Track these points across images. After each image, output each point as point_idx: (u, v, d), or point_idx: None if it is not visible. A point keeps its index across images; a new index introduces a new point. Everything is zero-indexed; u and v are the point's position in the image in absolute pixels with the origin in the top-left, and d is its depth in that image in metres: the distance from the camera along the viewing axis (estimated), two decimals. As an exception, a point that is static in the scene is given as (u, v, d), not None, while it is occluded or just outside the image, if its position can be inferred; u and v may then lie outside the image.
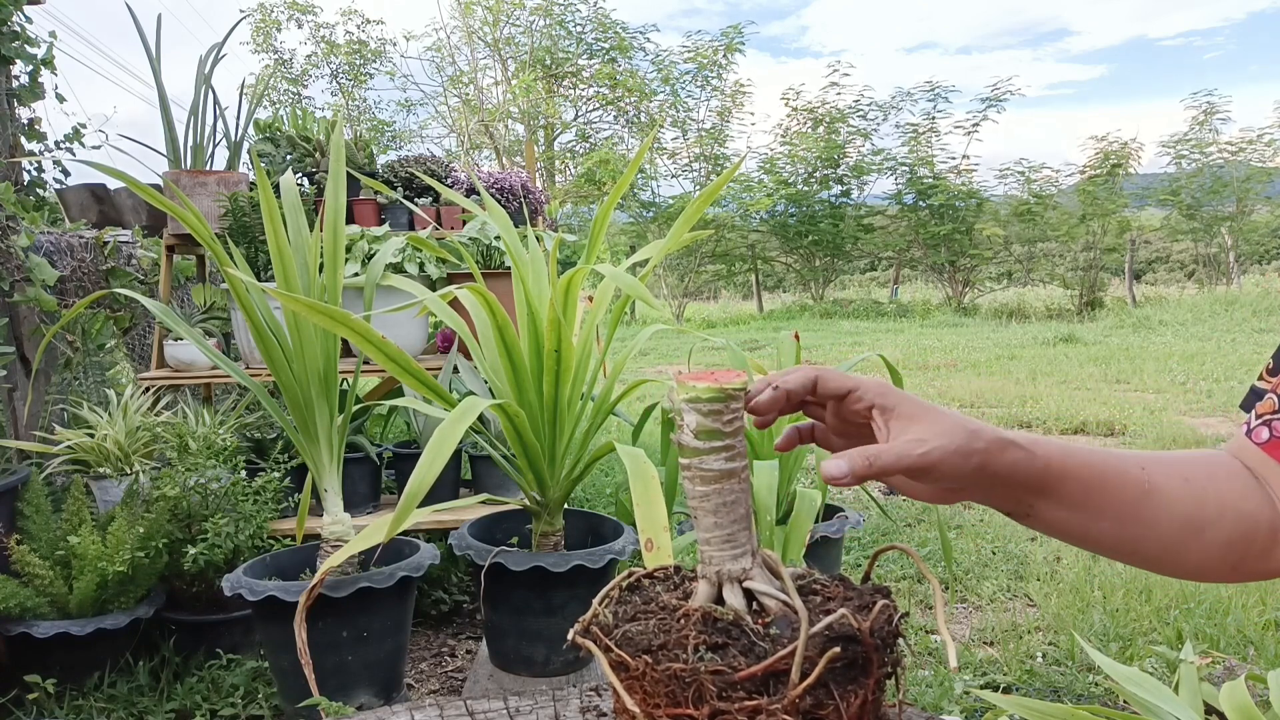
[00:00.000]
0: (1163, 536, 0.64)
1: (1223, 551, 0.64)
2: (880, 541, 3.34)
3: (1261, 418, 0.67)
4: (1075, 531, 0.65)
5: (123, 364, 2.99)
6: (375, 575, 1.86)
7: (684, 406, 0.58)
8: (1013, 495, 0.63)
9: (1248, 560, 0.65)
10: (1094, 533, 0.64)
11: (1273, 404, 0.67)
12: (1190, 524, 0.64)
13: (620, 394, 1.97)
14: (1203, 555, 0.64)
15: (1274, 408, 0.66)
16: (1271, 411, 0.66)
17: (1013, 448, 0.60)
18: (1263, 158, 15.82)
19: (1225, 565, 0.65)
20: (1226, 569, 0.65)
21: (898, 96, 16.68)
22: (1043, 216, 15.75)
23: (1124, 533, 0.64)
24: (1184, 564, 0.65)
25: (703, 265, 17.80)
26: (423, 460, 1.26)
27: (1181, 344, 9.26)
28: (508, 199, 3.22)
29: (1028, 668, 2.26)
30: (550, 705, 0.84)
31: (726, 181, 1.95)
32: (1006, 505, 0.64)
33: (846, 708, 0.53)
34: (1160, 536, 0.64)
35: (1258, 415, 0.68)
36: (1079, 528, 0.64)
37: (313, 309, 1.44)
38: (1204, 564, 0.65)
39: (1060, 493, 0.63)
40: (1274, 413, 0.66)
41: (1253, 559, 0.65)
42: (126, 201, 4.20)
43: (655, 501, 1.37)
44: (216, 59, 2.89)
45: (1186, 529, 0.64)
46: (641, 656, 0.54)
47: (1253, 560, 0.65)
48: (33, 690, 1.94)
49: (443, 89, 16.77)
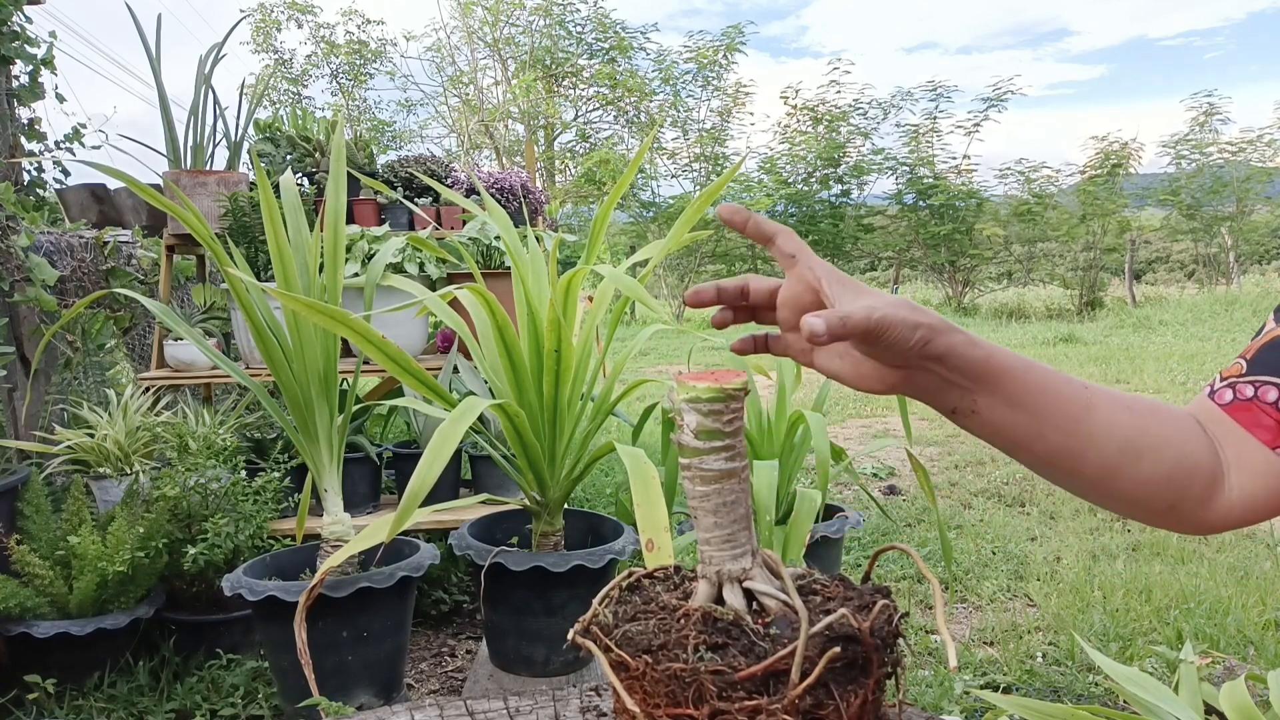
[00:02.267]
0: (1101, 455, 0.64)
1: (1160, 486, 0.65)
2: (880, 541, 3.34)
3: (1226, 380, 0.68)
4: (1019, 436, 0.64)
5: (123, 364, 2.99)
6: (375, 575, 1.86)
7: (684, 406, 0.58)
8: (955, 386, 0.63)
9: (1185, 503, 0.65)
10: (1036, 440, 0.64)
11: (1239, 368, 0.67)
12: (1129, 448, 0.64)
13: (620, 394, 1.97)
14: (1140, 484, 0.65)
15: (1240, 372, 0.67)
16: (1237, 375, 0.67)
17: (955, 331, 0.61)
18: (1263, 158, 15.83)
19: (1162, 502, 0.65)
20: (1164, 507, 0.66)
21: (898, 95, 16.68)
22: (1043, 216, 15.75)
23: (1065, 444, 0.64)
24: (1121, 490, 0.65)
25: (703, 265, 17.80)
26: (423, 460, 1.26)
27: (1181, 344, 9.26)
28: (508, 199, 3.22)
29: (1028, 668, 2.26)
30: (550, 705, 0.84)
31: (727, 181, 1.95)
32: (950, 398, 0.64)
33: (846, 708, 0.53)
34: (1099, 455, 0.64)
35: (1222, 378, 0.68)
36: (1021, 432, 0.64)
37: (313, 309, 1.45)
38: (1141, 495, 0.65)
39: (1002, 388, 0.63)
40: (1239, 376, 0.67)
41: (1190, 503, 0.65)
42: (126, 201, 4.20)
43: (655, 501, 1.37)
44: (216, 59, 2.89)
45: (1126, 451, 0.64)
46: (641, 656, 0.54)
47: (1190, 505, 0.65)
48: (33, 690, 1.94)
49: (443, 89, 16.77)
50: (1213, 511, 0.66)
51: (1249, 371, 0.67)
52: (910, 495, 4.03)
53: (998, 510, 3.76)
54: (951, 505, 3.85)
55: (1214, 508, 0.66)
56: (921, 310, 0.61)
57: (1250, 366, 0.67)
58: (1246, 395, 0.66)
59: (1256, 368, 0.66)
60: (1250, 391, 0.66)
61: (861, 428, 5.63)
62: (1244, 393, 0.66)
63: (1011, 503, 3.90)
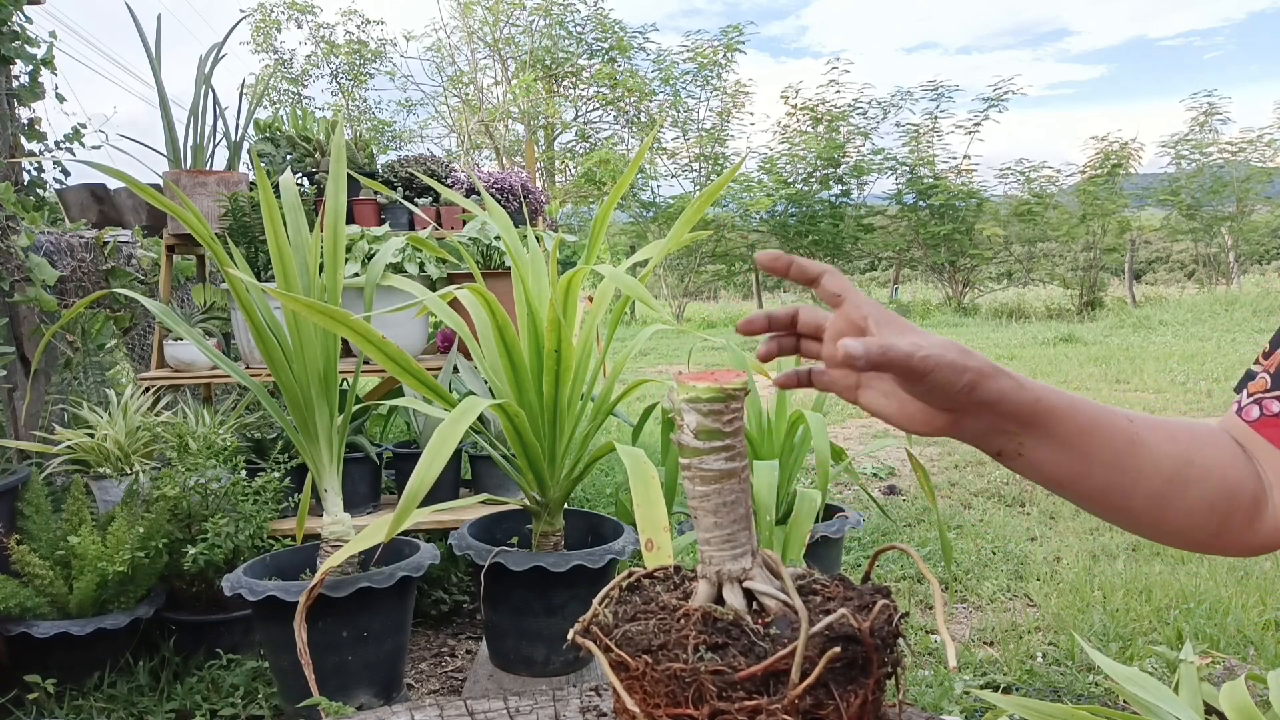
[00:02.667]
0: (1148, 489, 0.64)
1: (1206, 514, 0.64)
2: (880, 541, 3.34)
3: (1253, 396, 0.67)
4: (1065, 476, 0.64)
5: (123, 364, 2.99)
6: (375, 575, 1.86)
7: (684, 406, 0.58)
8: (1001, 428, 0.63)
9: (1230, 528, 0.65)
10: (1083, 479, 0.64)
11: (1264, 383, 0.67)
12: (1176, 479, 0.64)
13: (620, 394, 1.97)
14: (1186, 515, 0.64)
15: (1265, 387, 0.67)
16: (1263, 391, 0.67)
17: (1003, 375, 0.61)
18: (1263, 158, 15.83)
19: (1207, 529, 0.65)
20: (1208, 534, 0.65)
21: (898, 95, 16.68)
22: (1043, 216, 15.75)
23: (1111, 481, 0.64)
24: (1168, 522, 0.65)
25: (703, 265, 17.80)
26: (423, 460, 1.26)
27: (1181, 344, 9.26)
28: (508, 199, 3.22)
29: (1028, 668, 2.26)
30: (550, 705, 0.84)
31: (727, 182, 1.95)
32: (996, 441, 0.64)
33: (846, 708, 0.53)
34: (1146, 489, 0.64)
35: (1249, 394, 0.68)
36: (1068, 471, 0.64)
37: (313, 309, 1.45)
38: (1187, 525, 0.65)
39: (1049, 430, 0.62)
40: (1265, 392, 0.67)
41: (1235, 528, 0.65)
42: (126, 201, 4.20)
43: (655, 501, 1.37)
44: (216, 59, 2.89)
45: (1172, 483, 0.64)
46: (641, 656, 0.54)
47: (1235, 529, 0.65)
48: (33, 690, 1.94)
49: (443, 89, 16.77)
50: (1257, 533, 0.65)
51: (1273, 386, 0.66)
52: (910, 495, 4.03)
53: (998, 510, 3.76)
54: (951, 505, 3.85)
55: (1258, 529, 0.65)
56: (970, 354, 0.59)
57: (1274, 381, 0.66)
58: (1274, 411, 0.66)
59: None
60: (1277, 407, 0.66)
61: (861, 428, 5.63)
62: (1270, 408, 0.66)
63: (1011, 503, 3.90)
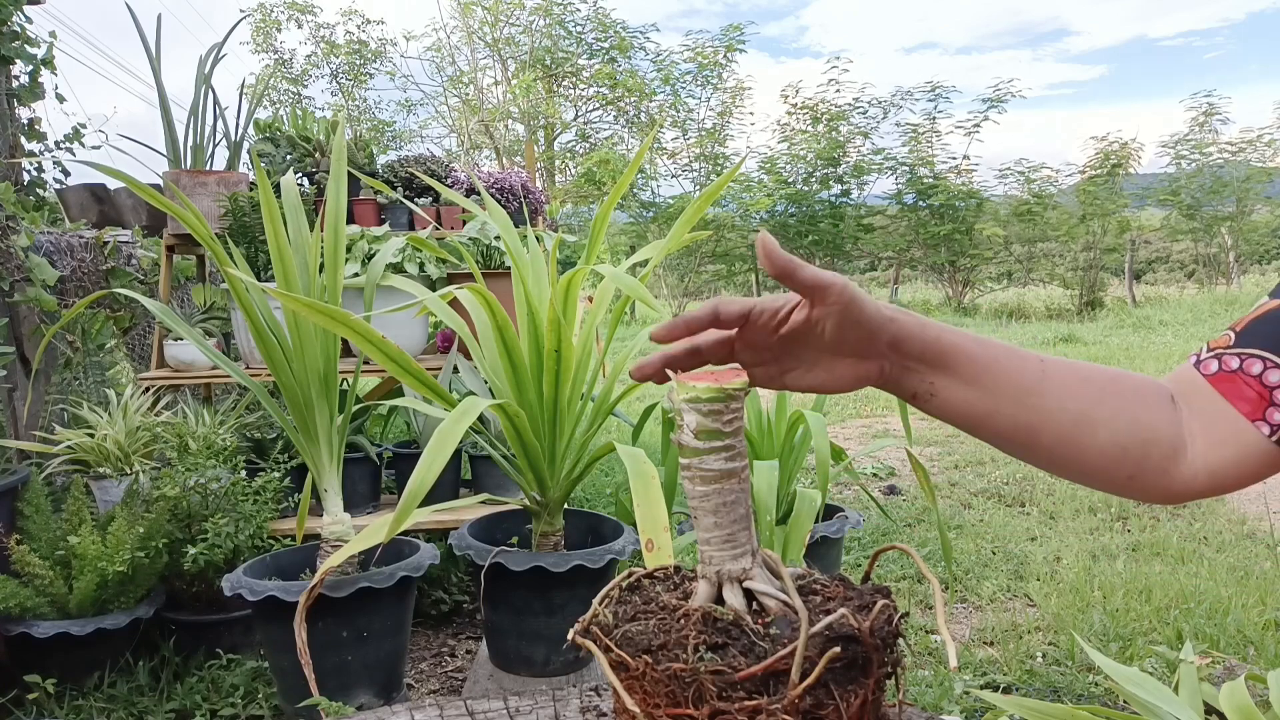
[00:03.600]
0: (1057, 428, 0.66)
1: (1118, 456, 0.66)
2: (880, 541, 3.34)
3: (1213, 351, 0.68)
4: (975, 414, 0.66)
5: (123, 364, 2.99)
6: (375, 575, 1.86)
7: (684, 406, 0.58)
8: (912, 370, 0.65)
9: (1145, 475, 0.66)
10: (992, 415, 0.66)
11: (1227, 339, 0.68)
12: (1085, 419, 0.66)
13: (620, 394, 1.97)
14: (1097, 456, 0.66)
15: (1228, 343, 0.68)
16: (1224, 347, 0.68)
17: (903, 314, 0.64)
18: (1263, 158, 15.83)
19: (1121, 473, 0.67)
20: (1123, 477, 0.67)
21: (898, 95, 16.67)
22: (1043, 216, 15.75)
23: (1020, 418, 0.66)
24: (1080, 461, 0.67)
25: (703, 265, 17.79)
26: (423, 460, 1.26)
27: (1181, 344, 9.26)
28: (508, 199, 3.22)
29: (1028, 668, 2.26)
30: (550, 705, 0.84)
31: (727, 182, 1.95)
32: (910, 383, 0.66)
33: (846, 708, 0.53)
34: (1055, 428, 0.66)
35: (1209, 349, 0.69)
36: (978, 409, 0.66)
37: (313, 309, 1.45)
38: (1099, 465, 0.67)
39: (955, 367, 0.65)
40: (1226, 348, 0.67)
41: (1150, 475, 0.66)
42: (126, 201, 4.20)
43: (655, 501, 1.37)
44: (216, 59, 2.89)
45: (1081, 423, 0.65)
46: (641, 656, 0.54)
47: (1150, 474, 0.66)
48: (33, 690, 1.94)
49: (443, 89, 16.77)
50: (1175, 480, 0.67)
51: (1237, 343, 0.67)
52: (910, 495, 4.03)
53: (998, 510, 3.76)
54: (951, 505, 3.85)
55: (1176, 477, 0.66)
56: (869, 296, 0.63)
57: (1239, 339, 0.67)
58: (1231, 366, 0.66)
59: (1245, 340, 0.67)
60: (1235, 363, 0.66)
61: (861, 428, 5.63)
62: (1229, 364, 0.67)
63: (1011, 503, 3.90)
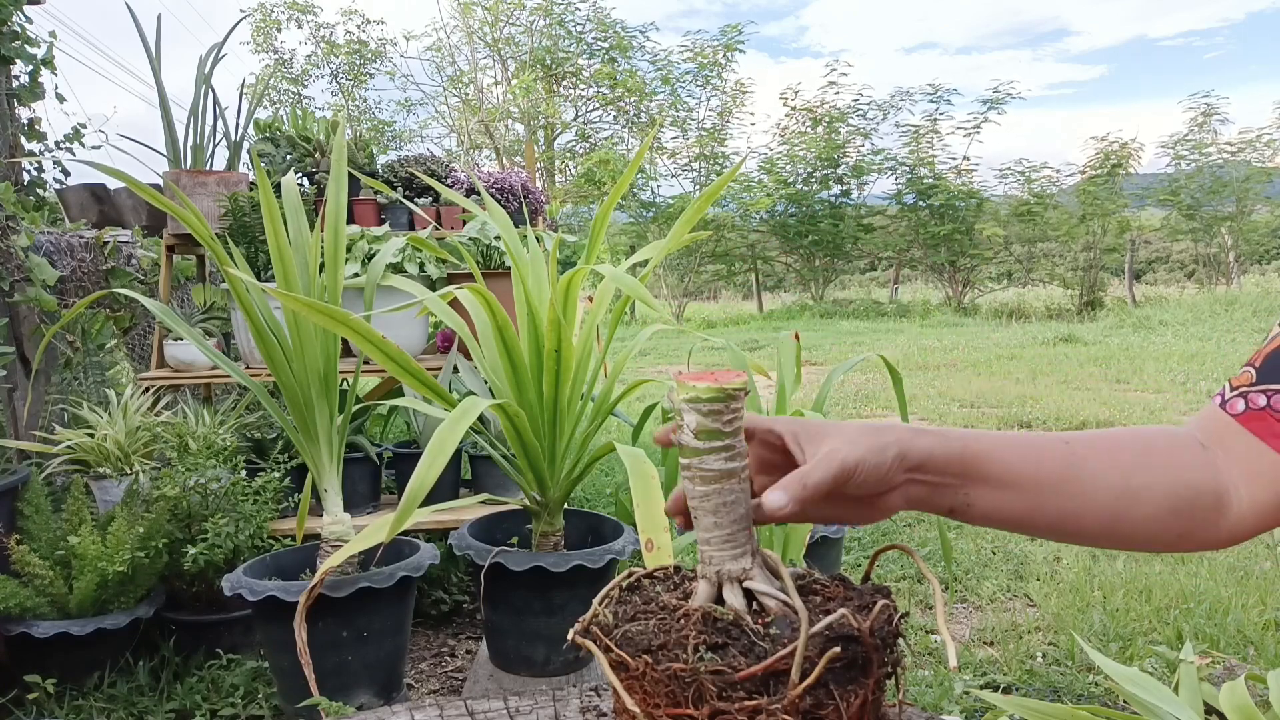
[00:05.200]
0: (1100, 508, 0.64)
1: (1166, 520, 0.65)
2: (880, 541, 3.34)
3: (1236, 390, 0.67)
4: (1018, 514, 0.65)
5: (123, 364, 2.99)
6: (375, 575, 1.86)
7: (684, 406, 0.58)
8: (943, 487, 0.63)
9: (1195, 530, 0.65)
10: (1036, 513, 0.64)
11: (1249, 377, 0.67)
12: (1125, 493, 0.64)
13: (620, 394, 1.97)
14: (1144, 524, 0.65)
15: (1250, 380, 0.67)
16: (1248, 384, 0.67)
17: (925, 434, 0.62)
18: (1262, 158, 15.84)
19: (1171, 534, 0.65)
20: (1173, 537, 0.66)
21: (898, 96, 16.69)
22: (1043, 216, 15.76)
23: (1062, 508, 0.64)
24: (1129, 535, 0.66)
25: (703, 265, 17.79)
26: (423, 461, 1.26)
27: (1181, 344, 9.26)
28: (508, 199, 3.22)
29: (1028, 668, 2.26)
30: (550, 705, 0.84)
31: (727, 182, 1.95)
32: (944, 499, 0.64)
33: (846, 708, 0.53)
34: (1098, 508, 0.64)
35: (1232, 387, 0.68)
36: (1019, 509, 0.64)
37: (313, 309, 1.44)
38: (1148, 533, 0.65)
39: (985, 474, 0.63)
40: (1250, 385, 0.67)
41: (1199, 529, 0.65)
42: (126, 201, 4.20)
43: (655, 501, 1.37)
44: (216, 59, 2.89)
45: (1121, 498, 0.64)
46: (641, 656, 0.54)
47: (1200, 530, 0.65)
48: (33, 690, 1.94)
49: (443, 89, 16.77)
50: (1223, 528, 0.65)
51: (1259, 380, 0.66)
52: (910, 495, 4.03)
53: (998, 510, 3.75)
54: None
55: (1224, 525, 0.65)
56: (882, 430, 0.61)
57: (1260, 375, 0.66)
58: (1259, 405, 0.66)
59: (1267, 375, 0.66)
60: (1263, 400, 0.66)
61: (861, 428, 5.63)
62: (1256, 402, 0.66)
63: (1011, 503, 3.89)
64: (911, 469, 0.62)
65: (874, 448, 0.60)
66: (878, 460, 0.60)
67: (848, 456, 0.59)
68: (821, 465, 0.59)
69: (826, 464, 0.59)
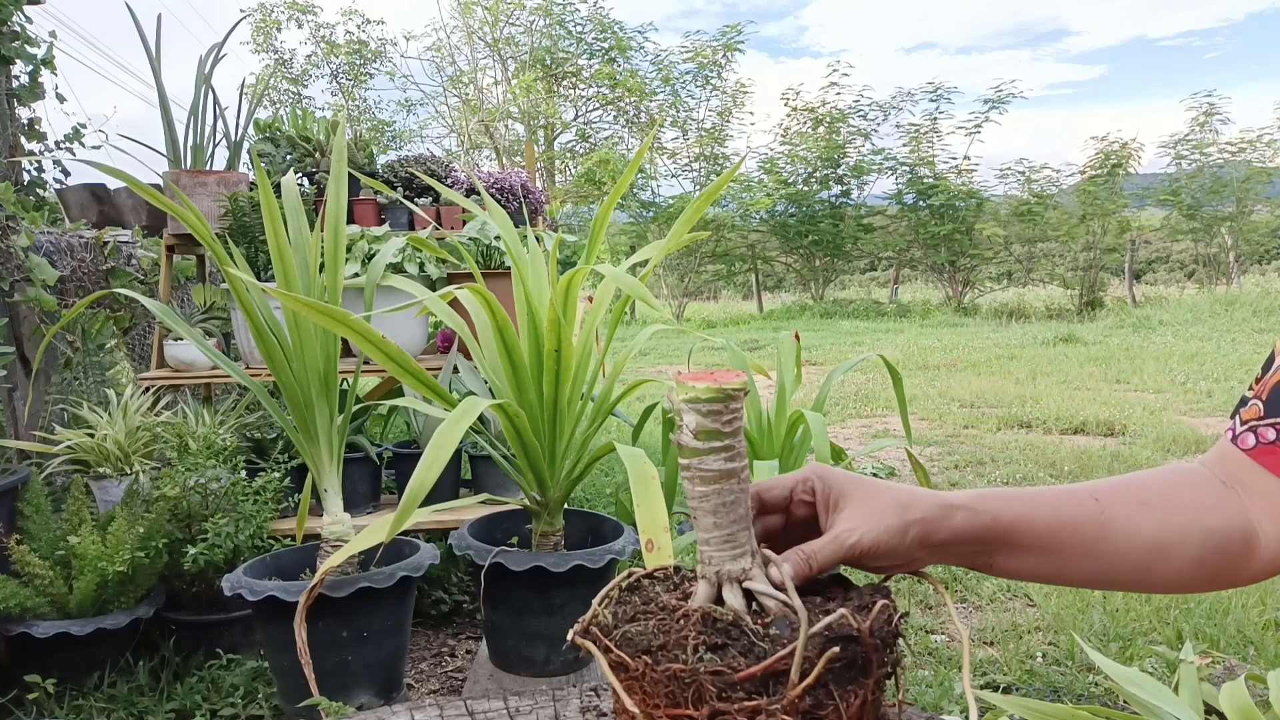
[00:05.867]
0: (1130, 564, 0.64)
1: (1195, 568, 0.64)
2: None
3: (1247, 424, 0.67)
4: (1042, 574, 0.65)
5: (123, 364, 2.99)
6: (375, 575, 1.86)
7: (683, 407, 0.58)
8: (968, 554, 0.63)
9: (1225, 571, 0.65)
10: (1062, 572, 0.65)
11: (1257, 410, 0.66)
12: (1155, 547, 0.64)
13: (620, 394, 1.97)
14: (1175, 574, 0.65)
15: (1259, 414, 0.66)
16: (1256, 418, 0.66)
17: (955, 511, 0.61)
18: (1263, 158, 15.83)
19: (1202, 578, 0.65)
20: (1204, 581, 0.66)
21: (898, 96, 16.69)
22: (1043, 216, 15.76)
23: (1090, 567, 0.64)
24: (1159, 583, 0.66)
25: (703, 265, 17.80)
26: (423, 461, 1.26)
27: (1181, 344, 9.26)
28: (508, 199, 3.22)
29: (1028, 668, 2.26)
30: (550, 705, 0.84)
31: (727, 182, 1.95)
32: (968, 561, 0.64)
33: (846, 708, 0.53)
34: (1127, 565, 0.64)
35: (1243, 421, 0.67)
36: (1045, 571, 0.64)
37: (313, 309, 1.45)
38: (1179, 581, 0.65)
39: (1015, 543, 0.63)
40: (1259, 419, 0.66)
41: (1229, 569, 0.65)
42: (126, 201, 4.20)
43: (655, 501, 1.37)
44: (216, 59, 2.89)
45: (1152, 553, 0.64)
46: (641, 657, 0.54)
47: (1230, 570, 0.65)
48: (33, 690, 1.94)
49: (443, 89, 16.78)
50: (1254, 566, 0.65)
51: (1267, 414, 0.66)
52: (910, 495, 4.02)
53: (998, 510, 3.75)
54: None
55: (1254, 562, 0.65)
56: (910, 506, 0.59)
57: (1267, 408, 0.66)
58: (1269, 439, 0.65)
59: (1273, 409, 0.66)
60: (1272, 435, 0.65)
61: (861, 428, 5.63)
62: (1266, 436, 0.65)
63: (1011, 503, 3.89)
64: (934, 547, 0.61)
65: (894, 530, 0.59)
66: (895, 543, 0.59)
67: (861, 540, 0.58)
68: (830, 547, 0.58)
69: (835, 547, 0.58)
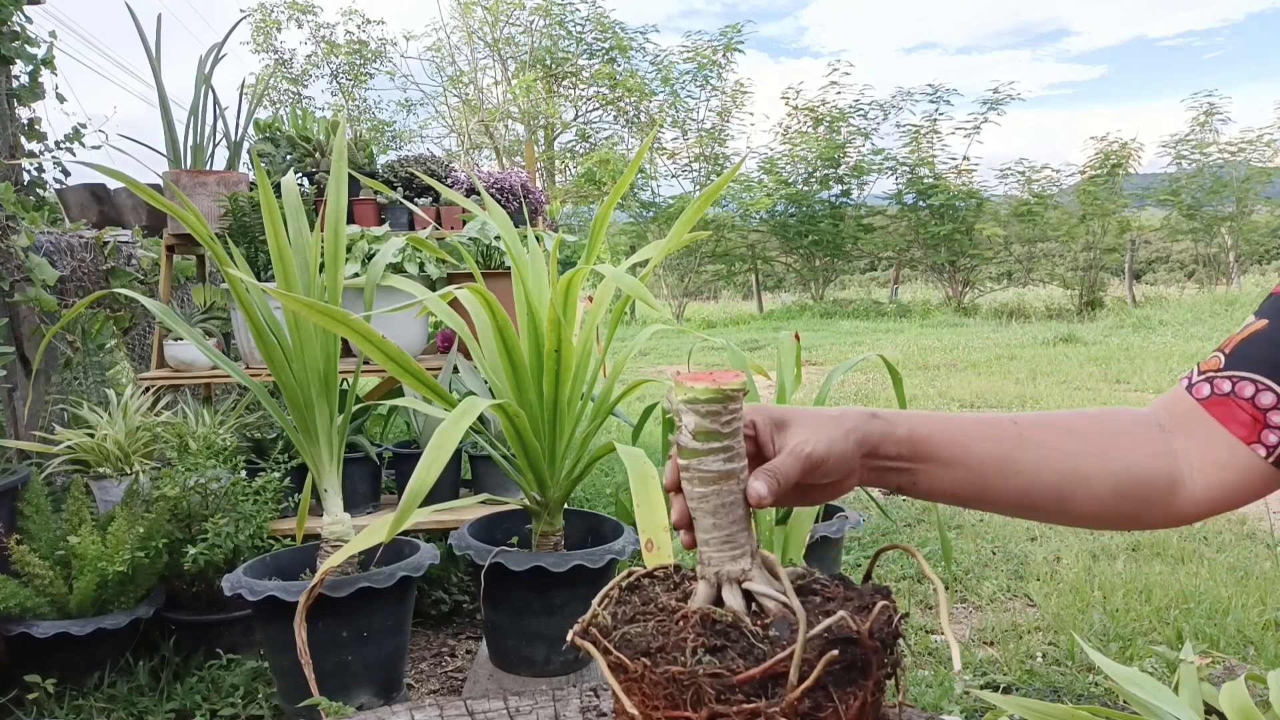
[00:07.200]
0: (1046, 488, 0.66)
1: (1115, 500, 0.66)
2: (880, 541, 3.34)
3: (1204, 374, 0.69)
4: (965, 491, 0.67)
5: (123, 364, 2.99)
6: (375, 575, 1.86)
7: (682, 407, 0.58)
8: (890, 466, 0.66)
9: (1146, 512, 0.67)
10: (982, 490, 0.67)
11: (1217, 362, 0.68)
12: (1073, 474, 0.66)
13: (620, 394, 1.97)
14: (1093, 503, 0.67)
15: (1218, 366, 0.68)
16: (1215, 370, 0.68)
17: (875, 418, 0.65)
18: (1263, 158, 15.82)
19: (1122, 514, 0.67)
20: (1124, 518, 0.68)
21: (898, 96, 16.68)
22: (1043, 216, 15.75)
23: (1010, 486, 0.66)
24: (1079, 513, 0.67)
25: (703, 265, 17.79)
26: (423, 461, 1.26)
27: (1181, 344, 9.25)
28: (508, 199, 3.22)
29: (1028, 668, 2.26)
30: (550, 705, 0.84)
31: (727, 182, 1.95)
32: (892, 478, 0.67)
33: (845, 710, 0.53)
34: (1046, 488, 0.66)
35: (1200, 371, 0.69)
36: (965, 488, 0.67)
37: (313, 309, 1.44)
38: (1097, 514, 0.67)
39: (934, 454, 0.66)
40: (1217, 371, 0.68)
41: (1150, 511, 0.67)
42: (126, 201, 4.20)
43: (655, 501, 1.37)
44: (216, 59, 2.89)
45: (1069, 478, 0.66)
46: (640, 659, 0.54)
47: (1153, 510, 0.67)
48: (33, 690, 1.94)
49: (443, 89, 16.77)
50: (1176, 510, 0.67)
51: (1227, 366, 0.68)
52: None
53: (998, 510, 3.75)
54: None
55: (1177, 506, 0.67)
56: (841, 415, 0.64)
57: (1228, 361, 0.68)
58: (1224, 390, 0.67)
59: (1234, 362, 0.67)
60: (1228, 386, 0.67)
61: (861, 428, 5.62)
62: (1221, 388, 0.67)
63: (1011, 503, 3.89)
64: (867, 454, 0.64)
65: (838, 437, 0.62)
66: (843, 449, 0.62)
67: (814, 450, 0.61)
68: (789, 460, 0.61)
69: (794, 458, 0.61)
